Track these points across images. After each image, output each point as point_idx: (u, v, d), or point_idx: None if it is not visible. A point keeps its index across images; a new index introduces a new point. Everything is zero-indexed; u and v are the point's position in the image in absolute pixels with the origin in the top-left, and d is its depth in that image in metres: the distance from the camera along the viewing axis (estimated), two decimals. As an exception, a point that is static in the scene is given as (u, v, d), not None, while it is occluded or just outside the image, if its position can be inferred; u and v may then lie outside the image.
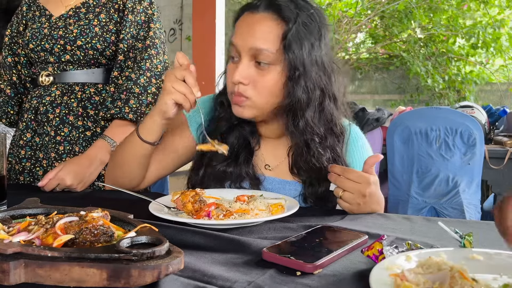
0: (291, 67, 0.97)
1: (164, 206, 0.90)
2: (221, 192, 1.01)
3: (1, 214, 0.70)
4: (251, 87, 0.98)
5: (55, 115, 1.36)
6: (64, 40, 1.35)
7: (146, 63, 1.35)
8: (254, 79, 0.98)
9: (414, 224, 0.88)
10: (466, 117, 2.50)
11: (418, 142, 2.52)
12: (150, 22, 1.41)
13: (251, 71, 0.98)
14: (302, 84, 0.97)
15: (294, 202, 0.92)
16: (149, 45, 1.38)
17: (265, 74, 0.98)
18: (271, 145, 1.12)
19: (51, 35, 1.37)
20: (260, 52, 0.96)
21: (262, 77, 0.98)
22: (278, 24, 0.97)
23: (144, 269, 0.51)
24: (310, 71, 0.98)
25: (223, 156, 1.05)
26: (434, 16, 5.57)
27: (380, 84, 6.12)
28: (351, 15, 5.45)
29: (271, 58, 0.96)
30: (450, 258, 0.58)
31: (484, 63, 5.64)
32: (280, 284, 0.57)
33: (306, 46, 0.97)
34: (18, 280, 0.51)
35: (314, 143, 1.02)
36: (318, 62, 0.99)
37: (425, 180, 2.53)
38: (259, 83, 0.98)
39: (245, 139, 1.10)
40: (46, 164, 1.37)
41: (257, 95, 0.99)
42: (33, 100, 1.41)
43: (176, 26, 7.89)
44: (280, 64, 0.97)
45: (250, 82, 0.98)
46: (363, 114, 2.70)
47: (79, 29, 1.36)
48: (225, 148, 0.96)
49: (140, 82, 1.34)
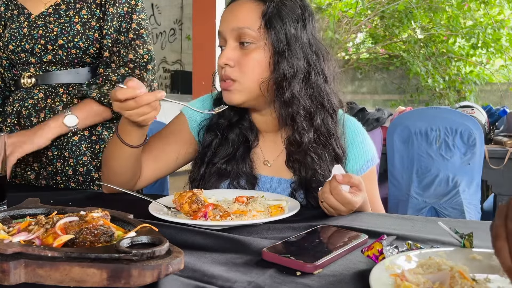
0: (274, 44, 0.99)
1: (164, 206, 0.90)
2: (222, 192, 1.01)
3: (1, 214, 0.70)
4: (237, 69, 1.00)
5: (39, 119, 1.29)
6: (45, 40, 1.28)
7: (129, 54, 1.30)
8: (240, 61, 1.00)
9: (414, 224, 0.88)
10: (466, 117, 2.50)
11: (418, 142, 2.53)
12: (133, 13, 1.33)
13: (236, 53, 1.00)
14: (286, 59, 0.99)
15: (296, 203, 0.92)
16: (133, 38, 1.32)
17: (249, 54, 1.00)
18: (270, 140, 1.12)
19: (31, 35, 1.30)
20: (242, 31, 0.99)
21: (247, 57, 1.00)
22: (258, 4, 1.01)
23: (144, 269, 0.51)
24: (294, 46, 1.00)
25: (224, 153, 1.06)
26: (434, 16, 5.57)
27: (380, 84, 6.12)
28: (351, 15, 5.46)
29: (253, 37, 0.99)
30: (450, 258, 0.58)
31: (484, 63, 5.64)
32: (280, 284, 0.57)
33: (287, 23, 0.99)
34: (18, 280, 0.51)
35: (299, 117, 1.01)
36: (302, 39, 1.01)
37: (425, 180, 2.53)
38: (244, 63, 1.00)
39: (244, 136, 1.10)
40: (38, 167, 1.32)
41: (243, 76, 1.00)
42: (15, 104, 1.33)
43: (176, 26, 7.90)
44: (263, 42, 1.00)
45: (236, 63, 1.00)
46: (363, 114, 2.70)
47: (60, 28, 1.29)
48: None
49: (119, 72, 1.28)
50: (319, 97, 1.04)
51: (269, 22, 0.98)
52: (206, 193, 0.95)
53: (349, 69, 5.96)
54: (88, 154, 1.32)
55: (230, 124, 1.11)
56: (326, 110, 1.05)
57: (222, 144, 1.10)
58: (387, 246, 0.62)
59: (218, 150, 1.10)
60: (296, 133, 1.02)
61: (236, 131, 1.10)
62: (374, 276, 0.53)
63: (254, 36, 0.99)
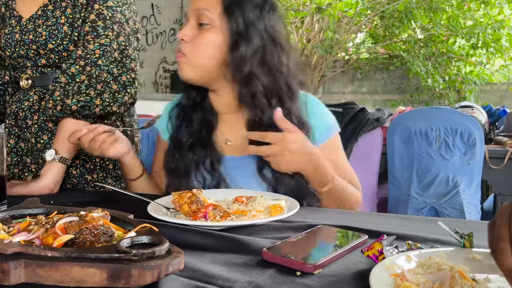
0: (231, 27, 1.05)
1: (163, 207, 0.90)
2: (221, 192, 1.01)
3: (1, 214, 0.70)
4: (190, 45, 1.07)
5: (33, 121, 1.28)
6: (36, 45, 1.26)
7: (78, 50, 1.21)
8: (195, 38, 1.07)
9: (414, 224, 0.88)
10: (466, 117, 2.50)
11: (418, 142, 2.53)
12: (95, 2, 1.24)
13: (193, 31, 1.07)
14: (243, 41, 1.04)
15: (295, 202, 0.92)
16: (88, 31, 1.22)
17: (203, 33, 1.06)
18: (230, 121, 1.16)
19: (22, 40, 1.27)
20: (201, 12, 1.06)
21: (201, 35, 1.06)
22: None
23: (144, 269, 0.51)
24: (251, 31, 1.05)
25: (188, 139, 1.13)
26: (434, 16, 5.57)
27: (380, 84, 6.11)
28: (351, 15, 5.45)
29: (210, 18, 1.05)
30: (450, 258, 0.58)
31: (484, 63, 5.63)
32: (280, 284, 0.57)
33: (246, 10, 1.05)
34: (18, 280, 0.51)
35: (259, 94, 1.05)
36: (259, 26, 1.05)
37: (425, 180, 2.53)
38: (197, 40, 1.06)
39: (205, 118, 1.16)
40: (36, 169, 1.32)
41: (192, 52, 1.07)
42: (13, 105, 1.33)
43: (176, 26, 7.89)
44: (219, 24, 1.06)
45: (191, 40, 1.07)
46: (363, 114, 2.70)
47: (48, 31, 1.25)
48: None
49: (69, 71, 1.19)
50: (276, 77, 1.07)
51: (228, 7, 1.04)
52: (205, 193, 0.95)
53: (349, 69, 5.95)
54: (82, 157, 1.31)
55: (193, 105, 1.16)
56: (285, 89, 1.08)
57: (187, 127, 1.16)
58: (387, 246, 0.62)
59: (184, 134, 1.16)
60: (256, 113, 1.06)
61: (199, 113, 1.16)
62: (374, 276, 0.53)
63: (212, 18, 1.05)
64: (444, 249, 0.63)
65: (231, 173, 1.11)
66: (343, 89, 6.26)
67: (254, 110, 1.07)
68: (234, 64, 1.05)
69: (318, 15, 5.44)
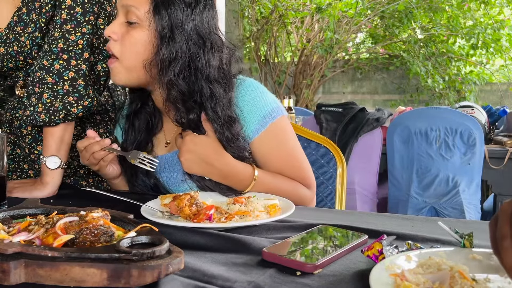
0: (158, 28, 1.02)
1: (158, 211, 0.89)
2: (213, 195, 1.02)
3: (1, 214, 0.70)
4: (119, 43, 1.04)
5: (27, 131, 1.24)
6: (23, 55, 1.18)
7: (59, 43, 1.08)
8: (123, 36, 1.04)
9: (414, 224, 0.88)
10: (466, 117, 2.50)
11: (418, 142, 2.53)
12: None
13: (122, 28, 1.04)
14: (167, 44, 1.01)
15: (288, 202, 0.93)
16: (65, 20, 1.09)
17: (131, 31, 1.03)
18: (170, 120, 1.13)
19: (8, 53, 1.18)
20: (130, 9, 1.02)
21: (129, 34, 1.03)
22: None
23: (144, 269, 0.51)
24: (177, 34, 1.02)
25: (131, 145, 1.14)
26: (434, 16, 5.57)
27: (380, 84, 6.11)
28: (351, 15, 5.45)
29: (138, 16, 1.01)
30: (450, 258, 0.58)
31: (484, 63, 5.63)
32: (280, 284, 0.57)
33: (174, 11, 1.01)
34: (18, 280, 0.51)
35: (178, 100, 1.04)
36: (187, 27, 1.02)
37: (425, 180, 2.54)
38: (125, 39, 1.03)
39: (148, 121, 1.16)
40: (34, 175, 1.29)
41: (121, 51, 1.03)
42: (7, 113, 1.28)
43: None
44: (147, 24, 1.02)
45: (119, 38, 1.04)
46: (363, 114, 2.70)
47: (30, 39, 1.16)
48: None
49: (54, 69, 1.08)
50: (200, 80, 1.04)
51: (156, 7, 1.01)
52: (201, 195, 0.95)
53: (349, 69, 5.95)
54: (75, 163, 1.31)
55: (137, 109, 1.16)
56: (208, 93, 1.04)
57: (132, 133, 1.16)
58: (387, 246, 0.62)
59: (129, 141, 1.16)
60: (179, 115, 1.05)
61: (141, 116, 1.16)
62: (374, 276, 0.53)
63: (139, 16, 1.01)
64: (444, 249, 0.63)
65: (162, 170, 1.13)
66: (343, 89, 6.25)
67: (177, 112, 1.05)
68: (158, 67, 1.03)
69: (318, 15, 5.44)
